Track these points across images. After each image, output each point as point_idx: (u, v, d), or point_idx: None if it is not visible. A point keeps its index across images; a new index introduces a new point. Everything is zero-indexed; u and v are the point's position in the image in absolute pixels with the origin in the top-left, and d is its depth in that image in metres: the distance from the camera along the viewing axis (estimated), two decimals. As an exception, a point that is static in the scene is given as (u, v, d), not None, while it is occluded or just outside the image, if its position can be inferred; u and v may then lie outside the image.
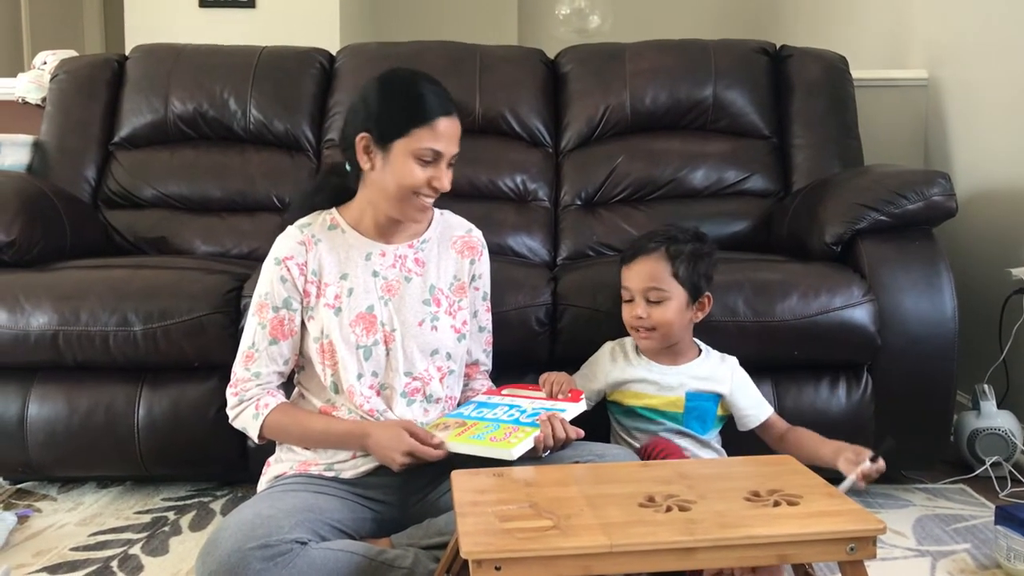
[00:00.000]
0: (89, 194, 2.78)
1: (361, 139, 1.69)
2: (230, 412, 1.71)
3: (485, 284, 1.88)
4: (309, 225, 1.76)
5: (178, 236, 2.71)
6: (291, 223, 1.79)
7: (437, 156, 1.66)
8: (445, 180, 1.69)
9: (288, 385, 1.79)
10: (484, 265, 1.87)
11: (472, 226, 1.89)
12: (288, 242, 1.73)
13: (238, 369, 1.72)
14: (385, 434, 1.61)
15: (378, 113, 1.67)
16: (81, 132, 2.84)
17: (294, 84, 2.88)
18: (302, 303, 1.72)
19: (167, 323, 2.08)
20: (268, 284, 1.72)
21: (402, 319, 1.72)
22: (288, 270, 1.70)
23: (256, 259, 2.54)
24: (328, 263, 1.72)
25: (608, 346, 1.98)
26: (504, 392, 1.82)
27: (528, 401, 1.75)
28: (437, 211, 1.86)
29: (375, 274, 1.74)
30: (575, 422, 1.68)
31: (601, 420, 1.96)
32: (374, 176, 1.70)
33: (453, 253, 1.82)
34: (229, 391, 1.72)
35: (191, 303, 2.10)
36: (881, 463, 1.58)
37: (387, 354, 1.71)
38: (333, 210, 1.80)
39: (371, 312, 1.71)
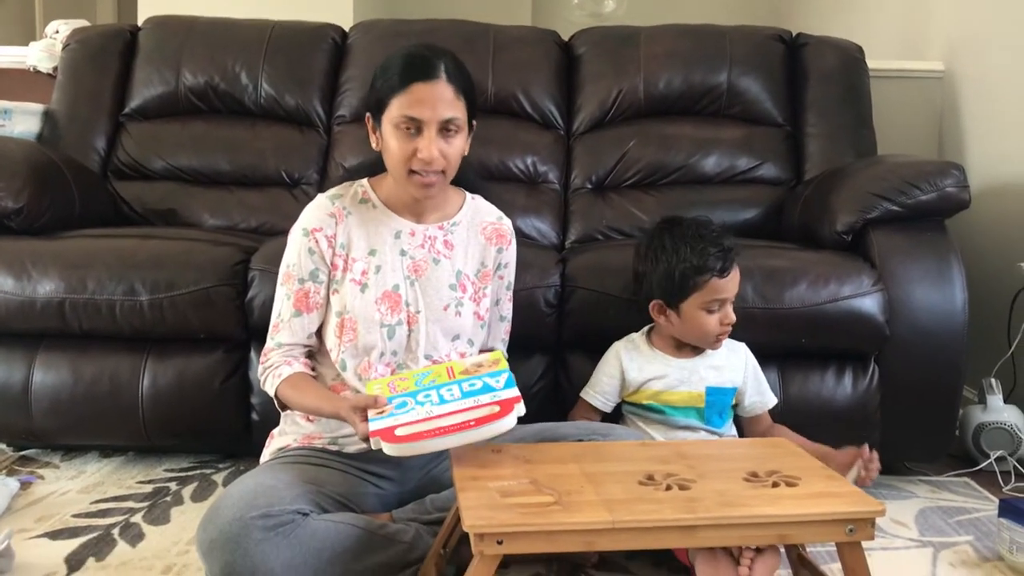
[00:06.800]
0: (98, 164, 2.77)
1: (367, 120, 1.68)
2: (260, 379, 1.70)
3: (510, 274, 1.85)
4: (340, 197, 1.73)
5: (187, 209, 2.70)
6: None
7: (416, 124, 1.58)
8: (429, 149, 1.57)
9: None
10: (511, 254, 1.84)
11: (502, 214, 1.85)
12: (318, 213, 1.70)
13: (267, 338, 1.71)
14: (348, 400, 1.54)
15: (370, 91, 1.66)
16: (92, 102, 2.83)
17: (306, 59, 2.86)
18: (329, 276, 1.69)
19: (173, 294, 2.08)
20: (295, 255, 1.69)
21: (427, 302, 1.70)
22: (316, 242, 1.68)
23: (264, 233, 2.56)
24: (357, 237, 1.70)
25: (619, 345, 1.95)
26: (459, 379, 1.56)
27: (461, 412, 1.44)
28: (468, 196, 1.83)
29: (403, 253, 1.71)
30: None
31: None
32: (384, 155, 1.68)
33: (482, 239, 1.79)
34: (260, 359, 1.71)
35: (198, 274, 2.09)
36: (874, 469, 1.63)
37: (409, 335, 1.68)
38: (365, 182, 1.77)
39: (396, 291, 1.68)
